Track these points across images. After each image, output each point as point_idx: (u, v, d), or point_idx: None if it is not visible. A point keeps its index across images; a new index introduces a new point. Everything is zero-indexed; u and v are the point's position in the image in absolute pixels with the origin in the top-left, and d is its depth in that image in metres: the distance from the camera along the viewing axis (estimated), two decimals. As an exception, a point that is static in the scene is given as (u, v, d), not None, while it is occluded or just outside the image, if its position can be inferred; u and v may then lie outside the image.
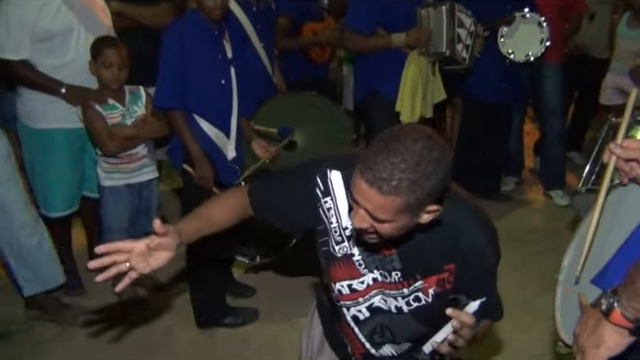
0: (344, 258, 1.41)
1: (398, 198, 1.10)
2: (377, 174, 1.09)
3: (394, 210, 1.12)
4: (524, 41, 3.97)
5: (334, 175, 1.37)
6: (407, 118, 3.37)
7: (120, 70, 2.79)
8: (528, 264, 3.53)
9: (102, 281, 1.31)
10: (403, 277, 1.37)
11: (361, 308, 1.46)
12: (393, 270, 1.37)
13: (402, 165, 1.08)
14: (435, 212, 1.19)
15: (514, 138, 4.59)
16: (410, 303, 1.41)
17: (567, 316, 1.38)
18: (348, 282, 1.42)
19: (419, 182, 1.09)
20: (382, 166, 1.09)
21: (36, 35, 2.69)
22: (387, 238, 1.24)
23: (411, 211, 1.14)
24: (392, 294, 1.41)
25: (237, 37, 2.78)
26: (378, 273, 1.40)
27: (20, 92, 2.86)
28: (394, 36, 3.25)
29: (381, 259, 1.38)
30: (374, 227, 1.18)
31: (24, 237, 2.72)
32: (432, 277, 1.37)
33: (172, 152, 2.78)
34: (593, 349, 1.09)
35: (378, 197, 1.10)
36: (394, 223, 1.16)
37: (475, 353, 2.72)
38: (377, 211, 1.13)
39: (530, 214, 4.42)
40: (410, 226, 1.21)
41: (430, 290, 1.39)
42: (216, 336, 2.87)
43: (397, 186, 1.09)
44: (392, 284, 1.40)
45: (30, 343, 2.81)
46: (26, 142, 2.94)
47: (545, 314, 1.90)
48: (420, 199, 1.12)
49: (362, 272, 1.40)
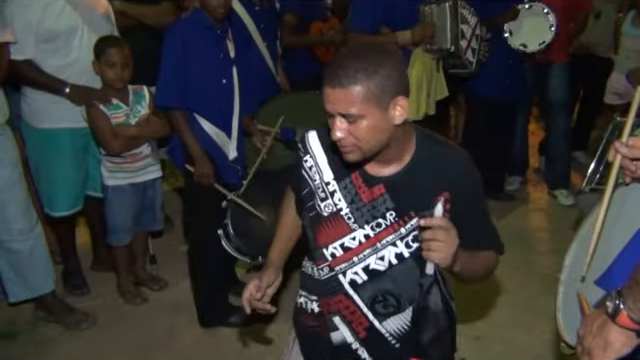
0: (332, 216, 1.44)
1: (358, 86, 1.24)
2: (335, 74, 1.25)
3: (360, 100, 1.24)
4: (534, 31, 3.96)
5: (311, 135, 1.51)
6: (412, 115, 3.35)
7: (123, 69, 2.79)
8: (532, 264, 3.52)
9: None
10: (398, 216, 1.40)
11: (357, 270, 1.45)
12: (387, 211, 1.40)
13: (354, 61, 1.25)
14: (404, 107, 1.29)
15: (519, 137, 4.57)
16: (409, 244, 1.42)
17: (569, 316, 1.37)
18: (340, 241, 1.44)
19: (372, 69, 1.24)
20: (338, 68, 1.26)
21: (40, 35, 2.70)
22: (368, 149, 1.31)
23: (378, 101, 1.25)
24: (390, 240, 1.41)
25: (240, 36, 2.78)
26: (369, 228, 1.42)
27: (24, 92, 2.87)
28: (399, 34, 3.25)
29: (373, 205, 1.41)
30: (352, 133, 1.28)
31: (17, 243, 2.72)
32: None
33: (172, 151, 2.78)
34: (600, 351, 1.09)
35: (342, 93, 1.24)
36: (367, 120, 1.26)
37: (477, 352, 2.71)
38: (346, 107, 1.25)
39: (534, 214, 4.41)
40: (386, 126, 1.29)
41: None
42: (219, 335, 2.88)
43: (354, 75, 1.23)
44: (388, 228, 1.41)
45: (33, 343, 2.81)
46: (30, 142, 2.95)
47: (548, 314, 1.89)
48: (380, 85, 1.25)
49: (352, 227, 1.42)
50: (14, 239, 2.71)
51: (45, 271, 2.85)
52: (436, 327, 1.38)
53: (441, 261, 1.25)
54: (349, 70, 1.24)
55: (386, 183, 1.40)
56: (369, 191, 1.41)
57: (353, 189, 1.42)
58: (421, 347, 1.39)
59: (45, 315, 2.94)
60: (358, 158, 1.33)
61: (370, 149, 1.32)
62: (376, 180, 1.40)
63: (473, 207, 1.44)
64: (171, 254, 3.53)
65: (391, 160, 1.39)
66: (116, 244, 3.08)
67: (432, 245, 1.23)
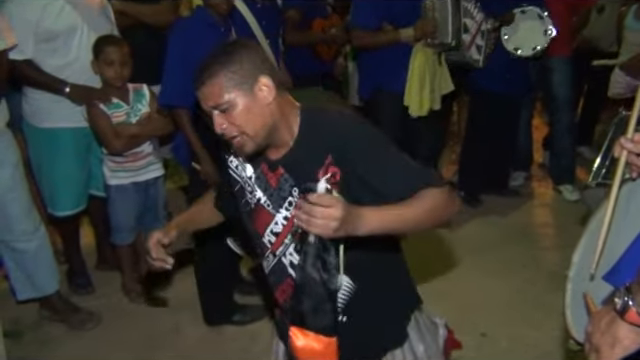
0: (256, 206, 1.52)
1: (218, 78, 1.34)
2: (199, 76, 1.37)
3: (223, 89, 1.34)
4: (528, 35, 3.93)
5: None
6: (416, 111, 3.35)
7: (122, 67, 2.79)
8: (538, 260, 3.50)
9: None
10: (300, 191, 1.41)
11: (291, 250, 1.49)
12: (291, 188, 1.45)
13: (209, 59, 1.38)
14: (268, 86, 1.37)
15: (523, 132, 4.55)
16: None
17: (577, 313, 1.36)
18: (269, 228, 1.51)
19: (226, 61, 1.35)
20: (199, 70, 1.38)
21: (40, 35, 2.70)
22: (253, 134, 1.37)
23: (238, 85, 1.35)
24: None
25: (242, 34, 2.77)
26: (284, 209, 1.47)
27: (25, 92, 2.87)
28: (402, 31, 3.23)
29: (279, 187, 1.47)
30: (231, 122, 1.36)
31: (22, 243, 2.73)
32: (317, 176, 1.36)
33: (177, 149, 2.78)
34: (608, 348, 1.07)
35: (207, 89, 1.35)
36: (238, 105, 1.35)
37: (483, 349, 2.70)
38: (216, 100, 1.35)
39: (539, 209, 4.40)
40: (259, 108, 1.37)
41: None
42: (224, 333, 2.87)
43: (211, 69, 1.35)
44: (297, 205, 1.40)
45: (38, 342, 2.82)
46: (32, 142, 2.95)
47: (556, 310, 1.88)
48: (236, 71, 1.35)
49: (272, 212, 1.49)
50: (18, 239, 2.71)
51: (49, 271, 2.86)
52: (315, 296, 1.37)
53: (322, 234, 1.22)
54: (206, 67, 1.36)
55: (282, 163, 1.46)
56: (274, 175, 1.48)
57: (264, 177, 1.50)
58: (300, 316, 1.38)
59: (50, 314, 2.95)
60: (252, 148, 1.41)
61: (257, 133, 1.38)
62: (276, 163, 1.47)
63: (371, 160, 1.38)
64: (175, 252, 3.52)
65: (283, 141, 1.44)
66: (120, 243, 3.08)
67: (310, 221, 1.20)
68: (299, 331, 1.38)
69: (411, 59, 3.28)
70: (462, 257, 3.52)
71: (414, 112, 3.34)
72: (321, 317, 1.38)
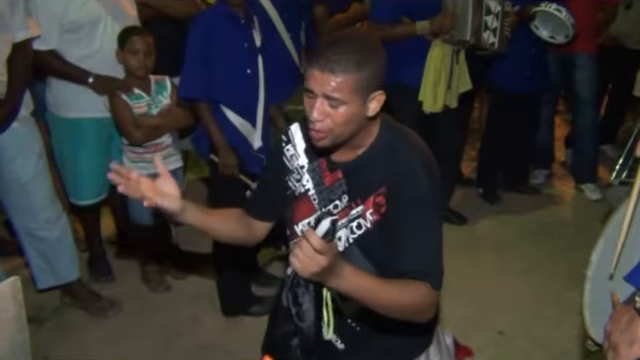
0: (302, 196, 1.51)
1: (349, 76, 1.27)
2: (327, 58, 1.27)
3: (347, 88, 1.27)
4: (557, 26, 3.88)
5: (293, 126, 1.57)
6: (429, 107, 3.32)
7: (146, 57, 2.81)
8: (558, 259, 3.47)
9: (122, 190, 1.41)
10: (349, 200, 1.43)
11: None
12: (342, 194, 1.45)
13: (348, 47, 1.28)
14: (380, 99, 1.33)
15: (544, 130, 4.50)
16: (354, 230, 1.43)
17: (596, 313, 1.35)
18: (307, 220, 1.50)
19: (364, 60, 1.28)
20: (331, 52, 1.28)
21: (64, 26, 2.73)
22: (339, 133, 1.34)
23: (362, 92, 1.29)
24: (344, 223, 1.44)
25: (264, 27, 2.77)
26: (329, 209, 1.46)
27: (49, 82, 2.90)
28: (418, 24, 3.20)
29: (332, 188, 1.46)
30: (330, 117, 1.31)
31: (45, 231, 2.77)
32: (369, 199, 1.40)
33: (197, 141, 2.80)
34: (626, 347, 1.07)
35: (332, 78, 1.27)
36: (347, 107, 1.29)
37: (500, 347, 2.69)
38: (333, 90, 1.27)
39: (560, 208, 4.35)
40: (361, 117, 1.33)
41: (368, 214, 1.40)
42: (241, 324, 2.90)
43: (347, 64, 1.26)
44: (342, 211, 1.44)
45: (60, 328, 2.87)
46: (55, 132, 2.99)
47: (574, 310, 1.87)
48: (366, 78, 1.29)
49: (316, 207, 1.49)
50: (41, 227, 2.75)
51: (71, 259, 2.90)
52: (283, 326, 1.44)
53: (298, 271, 1.20)
54: (342, 58, 1.27)
55: (343, 168, 1.45)
56: (330, 175, 1.47)
57: (319, 172, 1.49)
58: (270, 341, 1.46)
59: (71, 301, 2.99)
60: (328, 144, 1.38)
61: (341, 136, 1.35)
62: (336, 165, 1.46)
63: (410, 217, 1.34)
64: (194, 243, 3.56)
65: (352, 147, 1.42)
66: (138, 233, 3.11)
67: (297, 253, 1.18)
68: (267, 357, 1.47)
69: (428, 54, 3.25)
70: (480, 254, 3.50)
71: (427, 108, 3.31)
72: (286, 350, 1.45)
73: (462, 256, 3.45)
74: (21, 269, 3.12)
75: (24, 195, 2.67)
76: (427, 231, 1.36)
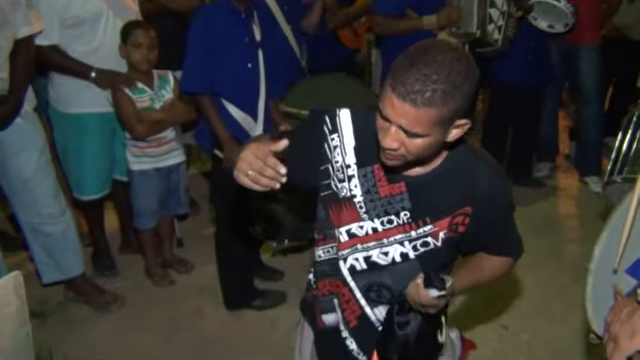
0: (345, 200, 1.38)
1: (432, 110, 1.10)
2: (409, 87, 1.09)
3: (428, 122, 1.12)
4: (555, 15, 3.85)
5: (343, 113, 1.37)
6: None
7: (149, 51, 2.81)
8: (562, 252, 3.46)
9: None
10: (412, 218, 1.34)
11: (358, 256, 1.41)
12: (402, 210, 1.34)
13: (434, 76, 1.09)
14: (464, 126, 1.19)
15: (548, 123, 4.48)
16: (417, 248, 1.37)
17: (598, 306, 1.35)
18: (347, 227, 1.39)
19: (451, 92, 1.10)
20: (414, 79, 1.09)
21: (66, 21, 2.72)
22: (413, 158, 1.22)
23: (444, 124, 1.14)
24: (398, 239, 1.36)
25: (265, 20, 2.77)
26: (379, 222, 1.36)
27: (51, 77, 2.91)
28: (425, 18, 3.19)
29: (389, 201, 1.34)
30: (405, 145, 1.18)
31: (49, 226, 2.77)
32: (444, 220, 1.34)
33: (199, 135, 2.79)
34: (626, 338, 1.06)
35: (412, 110, 1.10)
36: (427, 138, 1.16)
37: (504, 341, 2.69)
38: (411, 125, 1.13)
39: (564, 201, 4.34)
40: (440, 143, 1.21)
41: (441, 234, 1.35)
42: (244, 318, 2.90)
43: (431, 97, 1.09)
44: (399, 227, 1.35)
45: (64, 323, 2.87)
46: (58, 127, 2.99)
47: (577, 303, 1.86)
48: (452, 110, 1.12)
49: (362, 216, 1.37)
50: (45, 222, 2.76)
51: (75, 254, 2.91)
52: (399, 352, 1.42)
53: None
54: (427, 86, 1.09)
55: (408, 183, 1.33)
56: (388, 186, 1.34)
57: (373, 179, 1.35)
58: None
59: (75, 296, 3.00)
60: (399, 165, 1.27)
61: (415, 159, 1.24)
62: (399, 178, 1.33)
63: (497, 227, 1.42)
64: (197, 237, 3.56)
65: (421, 162, 1.30)
66: (142, 227, 3.12)
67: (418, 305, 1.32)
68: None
69: None
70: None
71: None
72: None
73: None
74: (26, 263, 3.14)
75: (27, 190, 2.68)
76: (510, 227, 1.47)
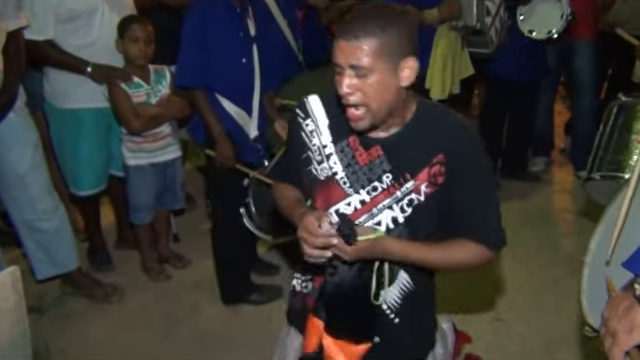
0: (328, 180, 1.42)
1: (373, 39, 1.23)
2: (350, 27, 1.25)
3: (373, 53, 1.23)
4: (544, 18, 3.84)
5: (312, 99, 1.48)
6: (437, 94, 3.32)
7: (147, 46, 2.81)
8: (557, 246, 3.48)
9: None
10: (394, 178, 1.37)
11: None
12: (383, 174, 1.37)
13: (370, 14, 1.26)
14: (412, 68, 1.28)
15: (543, 117, 4.49)
16: (404, 209, 1.38)
17: (593, 299, 1.35)
18: (335, 207, 1.41)
19: (387, 23, 1.24)
20: (353, 22, 1.26)
21: (61, 15, 2.71)
22: (376, 109, 1.29)
23: (388, 56, 1.24)
24: (386, 204, 1.38)
25: (261, 14, 2.76)
26: (365, 192, 1.38)
27: (47, 72, 2.89)
28: (426, 12, 3.20)
29: (370, 167, 1.38)
30: (360, 89, 1.26)
31: (43, 222, 2.76)
32: (422, 172, 1.36)
33: (193, 130, 2.79)
34: (625, 333, 1.07)
35: (356, 45, 1.23)
36: (376, 75, 1.25)
37: (499, 334, 2.71)
38: (359, 58, 1.23)
39: (559, 195, 4.35)
40: (395, 88, 1.28)
41: (422, 187, 1.36)
42: (241, 312, 2.91)
43: (370, 29, 1.23)
44: (384, 191, 1.37)
45: (60, 318, 2.87)
46: (54, 122, 2.98)
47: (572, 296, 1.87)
48: (392, 41, 1.24)
49: (347, 192, 1.40)
50: (40, 218, 2.75)
51: (70, 249, 2.90)
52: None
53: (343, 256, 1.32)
54: (365, 24, 1.24)
55: (383, 144, 1.37)
56: (366, 153, 1.38)
57: (350, 152, 1.40)
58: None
59: (73, 290, 3.00)
60: (368, 125, 1.32)
61: (379, 111, 1.30)
62: (373, 141, 1.38)
63: (469, 184, 1.36)
64: (194, 232, 3.56)
65: (391, 124, 1.37)
66: (139, 223, 3.12)
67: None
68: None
69: (434, 42, 3.25)
70: (479, 241, 3.50)
71: (435, 95, 3.31)
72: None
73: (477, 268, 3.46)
74: (20, 260, 3.13)
75: (22, 186, 2.67)
76: (491, 197, 1.42)
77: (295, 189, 1.54)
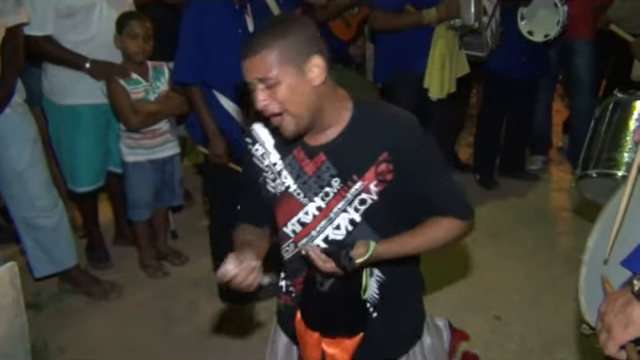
0: (283, 195, 1.46)
1: (269, 49, 1.27)
2: (250, 45, 1.30)
3: (274, 62, 1.28)
4: (543, 22, 3.85)
5: (256, 126, 1.52)
6: (436, 93, 3.32)
7: (145, 42, 2.81)
8: (555, 244, 3.48)
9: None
10: (342, 182, 1.40)
11: (318, 242, 1.46)
12: (331, 178, 1.40)
13: (264, 28, 1.32)
14: (319, 66, 1.31)
15: (542, 116, 4.49)
16: (358, 208, 1.41)
17: (591, 297, 1.36)
18: (296, 217, 1.46)
19: (281, 32, 1.29)
20: (252, 39, 1.31)
21: (60, 11, 2.71)
22: (296, 113, 1.32)
23: (290, 61, 1.28)
24: (340, 207, 1.41)
25: (259, 11, 2.75)
26: (319, 199, 1.42)
27: (45, 68, 2.89)
28: (425, 12, 3.21)
29: (318, 175, 1.41)
30: (274, 98, 1.30)
31: (43, 219, 2.76)
32: (369, 172, 1.38)
33: (190, 127, 2.79)
34: (621, 328, 1.07)
35: (257, 59, 1.28)
36: (285, 82, 1.29)
37: (497, 332, 2.71)
38: (263, 72, 1.28)
39: (557, 193, 4.36)
40: (304, 88, 1.31)
41: (371, 186, 1.39)
42: (239, 310, 2.91)
43: (265, 41, 1.28)
44: (336, 195, 1.41)
45: (58, 314, 2.87)
46: (52, 118, 2.98)
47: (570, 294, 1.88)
48: (289, 46, 1.28)
49: (303, 202, 1.44)
50: (38, 215, 2.75)
51: (68, 246, 2.90)
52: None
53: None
54: (261, 38, 1.29)
55: (325, 150, 1.40)
56: (312, 162, 1.42)
57: (297, 164, 1.44)
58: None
59: (71, 287, 3.00)
60: (294, 130, 1.35)
61: (300, 114, 1.32)
62: (316, 149, 1.41)
63: (421, 170, 1.39)
64: (192, 229, 3.56)
65: (328, 126, 1.39)
66: (137, 219, 3.12)
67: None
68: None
69: (433, 41, 3.25)
70: (477, 240, 3.51)
71: (434, 94, 3.32)
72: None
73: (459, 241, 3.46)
74: (18, 256, 3.12)
75: (20, 183, 2.67)
76: (446, 175, 1.45)
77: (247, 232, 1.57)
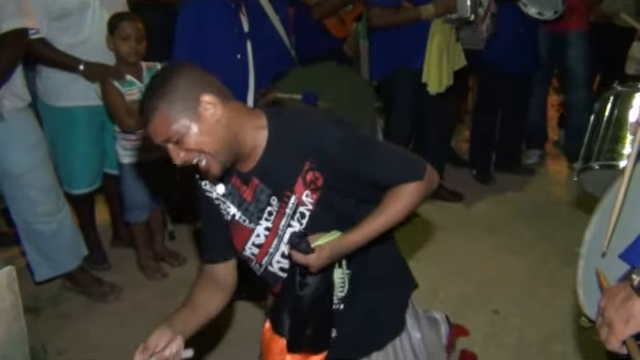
0: (232, 223, 1.50)
1: (160, 112, 1.28)
2: (142, 115, 1.32)
3: (168, 122, 1.28)
4: (545, 2, 3.85)
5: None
6: (434, 88, 3.33)
7: (138, 43, 2.80)
8: (552, 238, 3.49)
9: None
10: (279, 199, 1.42)
11: (278, 258, 1.49)
12: (269, 198, 1.43)
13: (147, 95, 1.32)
14: (212, 102, 1.31)
15: (537, 110, 4.50)
16: (300, 221, 1.43)
17: (589, 290, 1.36)
18: (250, 241, 1.49)
19: (163, 91, 1.28)
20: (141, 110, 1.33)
21: (53, 13, 2.70)
22: (214, 152, 1.32)
23: (181, 114, 1.28)
24: (285, 224, 1.44)
25: (254, 10, 2.75)
26: (264, 220, 1.45)
27: (40, 70, 2.88)
28: (422, 8, 3.22)
29: (257, 199, 1.44)
30: (187, 150, 1.31)
31: (43, 225, 2.76)
32: (297, 185, 1.39)
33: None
34: (621, 324, 1.07)
35: (153, 126, 1.30)
36: (187, 132, 1.29)
37: (495, 326, 2.72)
38: (165, 133, 1.30)
39: (553, 187, 4.37)
40: (209, 129, 1.31)
41: (304, 198, 1.40)
42: (237, 309, 2.90)
43: (150, 106, 1.29)
44: (278, 213, 1.43)
45: (57, 317, 2.87)
46: (47, 120, 2.97)
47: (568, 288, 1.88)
48: (174, 100, 1.28)
49: (250, 227, 1.47)
50: (38, 221, 2.74)
51: (70, 251, 2.89)
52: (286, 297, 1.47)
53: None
54: (145, 103, 1.31)
55: (256, 173, 1.42)
56: (248, 188, 1.44)
57: (236, 192, 1.46)
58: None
59: (72, 286, 3.00)
60: (220, 167, 1.35)
61: (217, 152, 1.32)
62: (249, 174, 1.43)
63: (354, 160, 1.38)
64: (189, 230, 3.56)
65: (252, 149, 1.40)
66: (134, 221, 3.11)
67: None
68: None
69: (429, 36, 3.26)
70: (475, 234, 3.52)
71: (432, 89, 3.32)
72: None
73: (457, 237, 3.47)
74: (18, 258, 3.12)
75: (19, 187, 2.66)
76: (379, 151, 1.43)
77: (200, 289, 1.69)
